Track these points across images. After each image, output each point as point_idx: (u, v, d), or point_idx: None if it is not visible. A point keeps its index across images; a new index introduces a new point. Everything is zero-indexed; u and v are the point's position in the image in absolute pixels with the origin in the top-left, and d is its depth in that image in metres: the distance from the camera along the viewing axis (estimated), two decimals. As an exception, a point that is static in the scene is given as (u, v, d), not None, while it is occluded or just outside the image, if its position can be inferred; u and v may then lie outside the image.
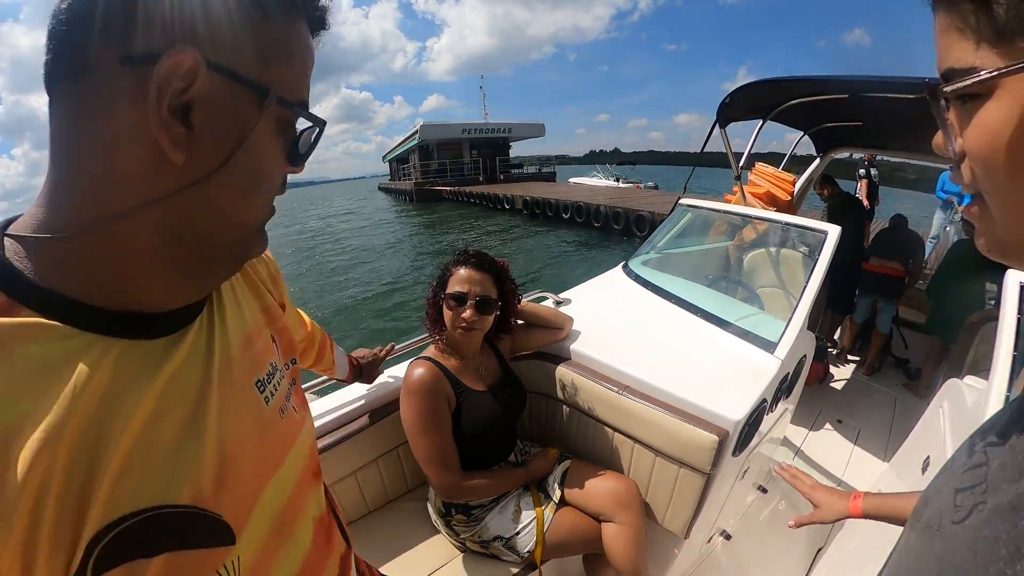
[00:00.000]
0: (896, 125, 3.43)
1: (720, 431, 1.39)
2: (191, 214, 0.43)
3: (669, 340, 1.86)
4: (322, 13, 0.49)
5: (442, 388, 1.46)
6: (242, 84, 0.42)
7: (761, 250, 2.69)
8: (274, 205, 0.51)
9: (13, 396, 0.35)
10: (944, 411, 1.59)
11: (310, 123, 0.51)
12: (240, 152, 0.43)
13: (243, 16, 0.42)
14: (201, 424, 0.46)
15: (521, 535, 1.47)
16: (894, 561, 0.46)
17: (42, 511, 0.35)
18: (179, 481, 0.43)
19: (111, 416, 0.39)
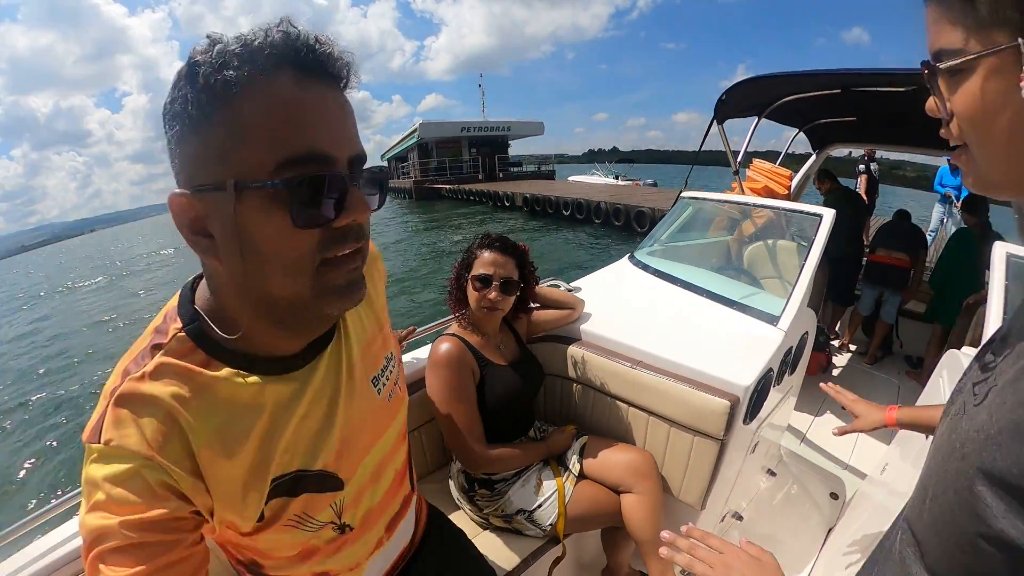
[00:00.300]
0: (888, 119, 3.53)
1: (731, 397, 1.46)
2: (262, 296, 0.56)
3: (677, 318, 1.93)
4: (304, 55, 0.50)
5: (467, 361, 1.53)
6: (206, 191, 0.51)
7: (760, 243, 2.75)
8: (351, 253, 0.57)
9: (217, 417, 0.58)
10: (944, 380, 1.65)
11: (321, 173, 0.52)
12: (244, 241, 0.52)
13: (194, 141, 0.50)
14: (332, 420, 0.69)
15: (543, 507, 1.52)
16: (932, 450, 0.52)
17: (251, 472, 0.61)
18: (315, 457, 0.68)
19: (277, 425, 0.63)
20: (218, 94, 0.48)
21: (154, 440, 0.54)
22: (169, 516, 0.54)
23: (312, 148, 0.50)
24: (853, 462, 2.67)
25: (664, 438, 1.62)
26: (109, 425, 0.54)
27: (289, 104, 0.49)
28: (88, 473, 0.54)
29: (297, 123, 0.50)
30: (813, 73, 2.92)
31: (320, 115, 0.51)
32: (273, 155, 0.49)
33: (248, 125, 0.49)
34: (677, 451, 1.60)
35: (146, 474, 0.53)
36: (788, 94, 3.29)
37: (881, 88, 2.88)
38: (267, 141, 0.49)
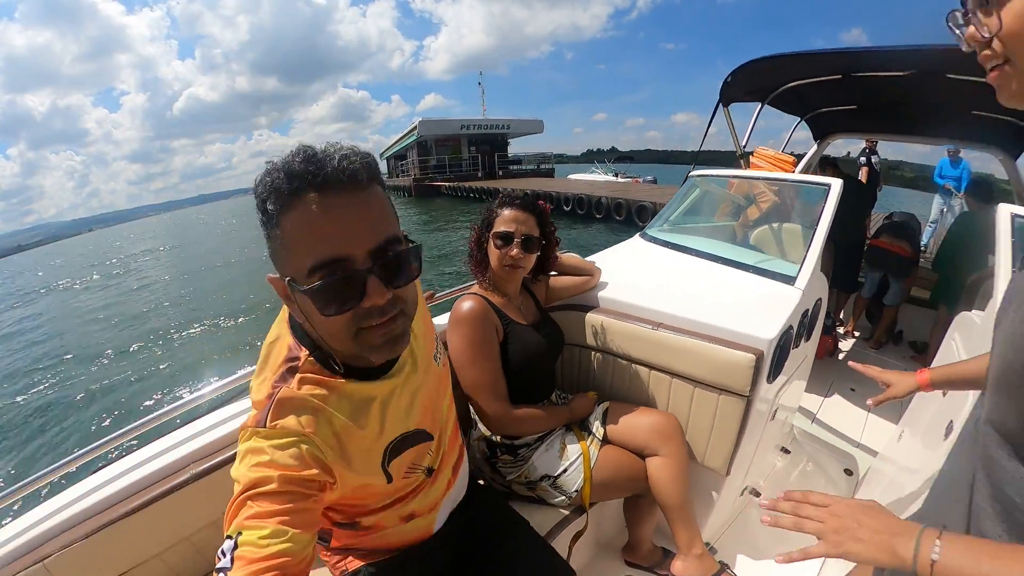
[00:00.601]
0: (888, 107, 3.56)
1: (756, 351, 1.46)
2: (332, 345, 0.79)
3: (694, 282, 1.95)
4: (318, 175, 0.66)
5: (490, 318, 1.50)
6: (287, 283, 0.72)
7: (765, 227, 2.77)
8: (377, 324, 0.75)
9: (347, 410, 0.82)
10: (956, 340, 1.68)
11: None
12: (313, 321, 0.75)
13: (270, 240, 0.72)
14: (416, 395, 0.96)
15: (568, 472, 1.50)
16: (1000, 354, 0.56)
17: (377, 441, 0.87)
18: (410, 421, 0.94)
19: (385, 408, 0.88)
20: (269, 218, 0.69)
21: (308, 425, 0.76)
22: (312, 477, 0.73)
23: (333, 254, 0.68)
24: (864, 440, 2.70)
25: (688, 399, 1.61)
26: (274, 416, 0.75)
27: (313, 220, 0.67)
28: (252, 445, 0.73)
29: (320, 235, 0.67)
30: (816, 53, 2.94)
31: (338, 223, 0.68)
32: (307, 261, 0.68)
33: (288, 239, 0.68)
34: (702, 412, 1.59)
35: (302, 446, 0.74)
36: (791, 79, 3.31)
37: (882, 73, 2.91)
38: (302, 251, 0.68)
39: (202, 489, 1.25)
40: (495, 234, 1.54)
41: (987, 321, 1.49)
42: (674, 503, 1.50)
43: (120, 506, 1.17)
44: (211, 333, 10.28)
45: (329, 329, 0.74)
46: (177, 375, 8.20)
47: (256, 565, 0.62)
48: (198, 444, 1.33)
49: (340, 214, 0.68)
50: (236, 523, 0.66)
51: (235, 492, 0.69)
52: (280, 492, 0.69)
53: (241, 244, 24.54)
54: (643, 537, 1.75)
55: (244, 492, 0.68)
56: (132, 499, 1.19)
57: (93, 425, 6.67)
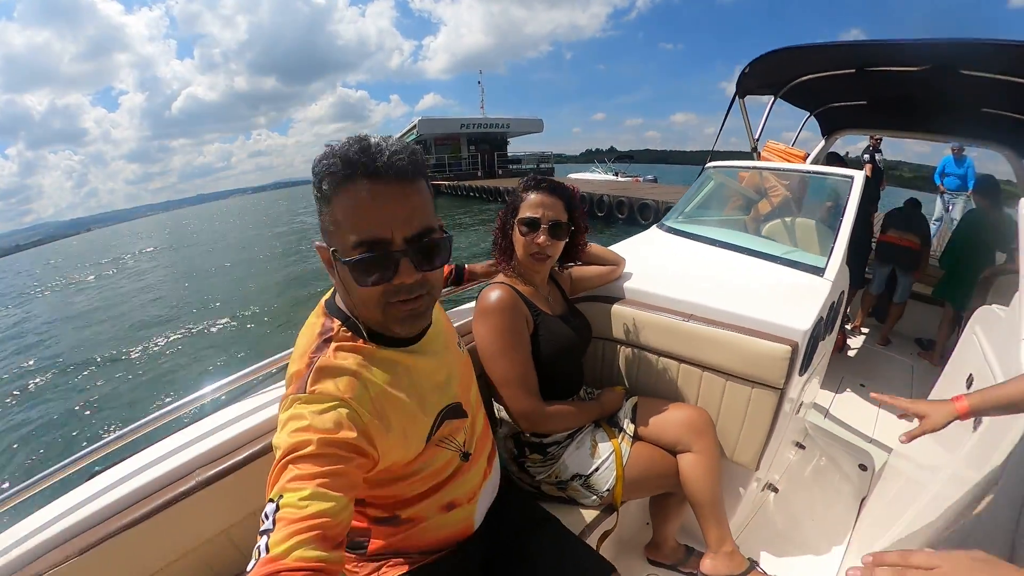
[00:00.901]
0: (898, 103, 3.58)
1: (791, 342, 1.44)
2: (362, 313, 0.87)
3: (722, 273, 1.92)
4: (372, 165, 0.75)
5: (520, 308, 1.43)
6: (328, 252, 0.81)
7: (777, 221, 2.77)
8: (405, 300, 0.83)
9: (382, 376, 0.87)
10: (978, 333, 1.65)
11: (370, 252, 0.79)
12: (349, 290, 0.83)
13: (322, 214, 0.79)
14: (447, 368, 1.02)
15: (601, 471, 1.45)
16: None
17: (415, 407, 0.91)
18: (448, 394, 1.00)
19: (420, 374, 0.94)
20: (324, 196, 0.77)
21: (348, 389, 0.81)
22: (350, 441, 0.76)
23: (374, 235, 0.77)
24: (876, 435, 2.70)
25: (719, 393, 1.58)
26: (313, 382, 0.80)
27: (361, 203, 0.76)
28: (293, 411, 0.77)
29: (365, 217, 0.76)
30: (832, 45, 2.98)
31: (382, 209, 0.77)
32: (351, 238, 0.77)
33: (338, 217, 0.77)
34: (733, 406, 1.57)
35: (340, 410, 0.78)
36: (806, 72, 3.33)
37: (896, 68, 2.91)
38: (349, 228, 0.77)
39: (211, 497, 1.15)
40: (520, 220, 1.45)
41: (1012, 315, 1.48)
42: (706, 500, 1.45)
43: (120, 517, 1.07)
44: (220, 331, 10.05)
45: (363, 297, 0.82)
46: (180, 373, 7.89)
47: (297, 525, 0.64)
48: (205, 447, 1.22)
49: (384, 201, 0.77)
50: (277, 487, 0.69)
51: (276, 458, 0.73)
52: (319, 455, 0.72)
53: (246, 243, 24.30)
54: (668, 535, 1.72)
55: (284, 456, 0.72)
56: (133, 509, 1.09)
57: (87, 428, 6.39)
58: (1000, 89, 2.72)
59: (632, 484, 1.46)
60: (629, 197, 15.99)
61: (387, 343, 0.90)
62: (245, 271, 15.49)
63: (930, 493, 1.34)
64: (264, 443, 1.20)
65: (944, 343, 3.61)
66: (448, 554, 1.07)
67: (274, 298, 11.91)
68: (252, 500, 1.16)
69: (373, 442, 0.81)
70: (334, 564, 0.65)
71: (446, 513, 1.03)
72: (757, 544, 1.87)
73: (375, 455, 0.82)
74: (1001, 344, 1.44)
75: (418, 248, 0.80)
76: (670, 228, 2.52)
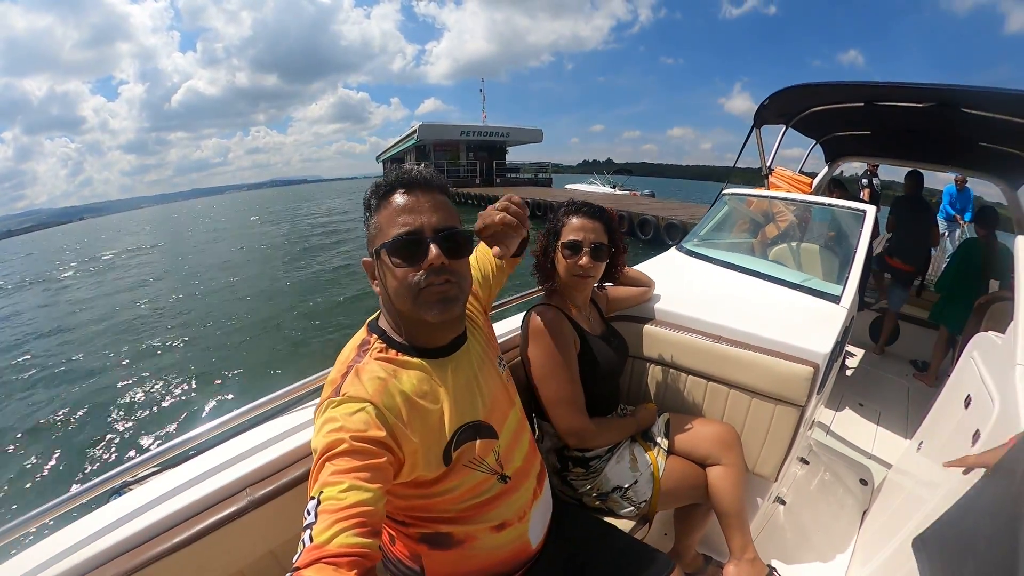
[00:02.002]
0: (901, 134, 3.81)
1: (812, 364, 1.57)
2: (399, 312, 0.98)
3: (744, 297, 2.07)
4: (410, 179, 0.96)
5: (568, 330, 1.50)
6: (371, 256, 0.98)
7: (784, 245, 2.93)
8: (435, 282, 0.94)
9: (409, 384, 0.94)
10: (976, 357, 1.77)
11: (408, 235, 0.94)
12: (386, 283, 0.97)
13: (369, 229, 0.98)
14: (477, 384, 1.07)
15: (639, 483, 1.53)
16: None
17: (438, 419, 0.96)
18: (474, 411, 1.03)
19: (445, 386, 0.99)
20: (370, 209, 0.98)
21: (375, 393, 0.88)
22: (380, 439, 0.83)
23: (410, 226, 0.93)
24: (875, 451, 2.85)
25: (744, 410, 1.70)
26: (347, 387, 0.89)
27: (399, 206, 0.95)
28: (327, 415, 0.85)
29: (403, 215, 0.94)
30: (843, 83, 3.15)
31: (414, 207, 0.94)
32: (392, 232, 0.93)
33: (382, 220, 0.95)
34: (757, 422, 1.68)
35: (369, 411, 0.86)
36: (817, 104, 3.52)
37: (901, 103, 3.09)
38: (390, 226, 0.94)
39: (261, 516, 1.09)
40: (563, 244, 1.53)
41: (1008, 343, 1.60)
42: (732, 510, 1.54)
43: (166, 537, 1.00)
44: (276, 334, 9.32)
45: (398, 287, 0.94)
46: (232, 379, 7.30)
47: (338, 514, 0.70)
48: (257, 463, 1.16)
49: (416, 202, 0.95)
50: (318, 484, 0.75)
51: (314, 459, 0.80)
52: (353, 451, 0.79)
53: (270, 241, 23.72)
54: (691, 545, 1.80)
55: (321, 456, 0.79)
56: (181, 528, 1.02)
57: (117, 437, 5.87)
58: (998, 126, 2.91)
59: (667, 495, 1.55)
60: (629, 211, 16.01)
61: (421, 354, 0.99)
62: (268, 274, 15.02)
63: (930, 507, 1.43)
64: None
65: (939, 365, 3.79)
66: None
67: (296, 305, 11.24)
68: (302, 519, 1.06)
69: (399, 443, 0.87)
70: (374, 551, 0.71)
71: (498, 533, 1.06)
72: (769, 553, 1.98)
73: (400, 456, 0.88)
74: (998, 369, 1.55)
75: (444, 238, 0.94)
76: (689, 251, 2.66)
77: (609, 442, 1.57)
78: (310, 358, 7.75)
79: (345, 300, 11.14)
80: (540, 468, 1.23)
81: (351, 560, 0.67)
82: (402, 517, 1.02)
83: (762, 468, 1.71)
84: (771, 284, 2.19)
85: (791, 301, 2.03)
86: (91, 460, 5.52)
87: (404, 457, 0.89)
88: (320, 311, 10.42)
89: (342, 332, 8.58)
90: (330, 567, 0.66)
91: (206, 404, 6.51)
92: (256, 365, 7.80)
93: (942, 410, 1.95)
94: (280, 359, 7.99)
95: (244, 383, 7.11)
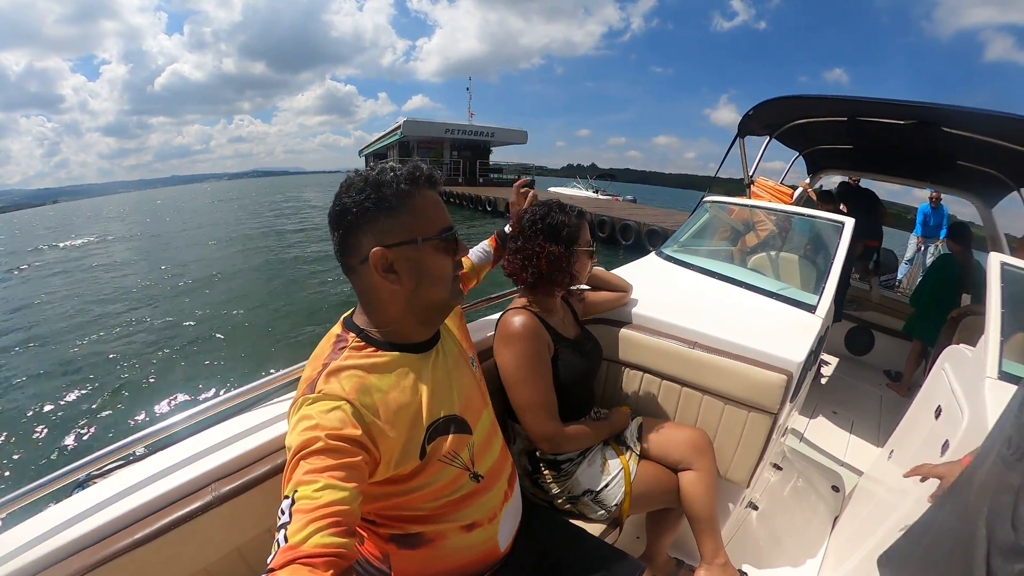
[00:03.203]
0: (882, 149, 3.90)
1: (786, 372, 1.59)
2: (422, 303, 0.98)
3: (721, 304, 2.08)
4: (430, 178, 0.97)
5: (542, 334, 1.50)
6: (400, 245, 0.93)
7: (763, 254, 2.97)
8: (458, 275, 1.04)
9: (386, 380, 0.93)
10: (947, 369, 1.82)
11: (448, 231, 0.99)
12: (422, 270, 0.95)
13: (387, 221, 0.92)
14: (452, 380, 1.06)
15: (610, 487, 1.52)
16: None
17: (414, 413, 0.95)
18: (449, 405, 1.02)
19: (421, 381, 0.99)
20: (392, 204, 0.92)
21: (352, 390, 0.87)
22: (356, 437, 0.82)
23: (447, 223, 0.99)
24: (848, 459, 2.90)
25: (718, 415, 1.71)
26: (322, 384, 0.88)
27: (434, 201, 0.98)
28: (302, 412, 0.84)
29: (440, 210, 0.99)
30: (828, 97, 3.21)
31: (441, 207, 1.00)
32: (437, 225, 0.97)
33: (420, 210, 0.95)
34: (730, 428, 1.69)
35: (345, 409, 0.84)
36: (802, 116, 3.57)
37: (884, 119, 3.16)
38: (433, 219, 0.97)
39: (228, 512, 1.07)
40: (584, 251, 1.57)
41: (978, 356, 1.64)
42: (704, 515, 1.55)
43: (129, 532, 0.97)
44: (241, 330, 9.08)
45: (440, 277, 0.99)
46: (195, 373, 7.15)
47: (313, 514, 0.69)
48: (224, 458, 1.14)
49: (440, 200, 1.01)
50: (292, 483, 0.74)
51: (288, 458, 0.79)
52: (328, 449, 0.77)
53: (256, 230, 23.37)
54: (662, 549, 1.81)
55: (296, 454, 0.77)
56: (144, 523, 0.99)
57: (84, 430, 5.77)
58: (976, 146, 2.99)
59: (638, 499, 1.55)
60: (611, 217, 16.11)
61: (398, 350, 0.99)
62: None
63: (899, 514, 1.46)
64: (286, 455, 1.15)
65: (911, 375, 3.87)
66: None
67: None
68: (269, 516, 0.89)
69: (375, 441, 0.86)
70: (350, 551, 0.70)
71: (467, 534, 1.06)
72: (741, 557, 1.99)
73: (376, 455, 0.86)
74: (968, 381, 1.60)
75: (459, 233, 1.03)
76: (669, 257, 2.68)
77: (582, 446, 1.56)
78: (283, 353, 7.72)
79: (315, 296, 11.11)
80: (511, 471, 1.23)
81: (327, 560, 0.66)
82: (373, 516, 1.00)
83: (734, 474, 1.72)
84: (748, 292, 2.21)
85: (767, 309, 2.05)
86: (55, 452, 5.37)
87: (380, 455, 0.88)
88: (294, 308, 10.32)
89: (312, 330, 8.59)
90: (305, 568, 0.65)
91: (173, 397, 6.38)
92: (227, 359, 7.69)
93: (913, 420, 1.99)
94: (253, 354, 7.89)
95: (212, 377, 7.01)
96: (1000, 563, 0.64)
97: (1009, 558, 0.63)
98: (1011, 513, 0.64)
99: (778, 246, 3.01)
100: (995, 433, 0.77)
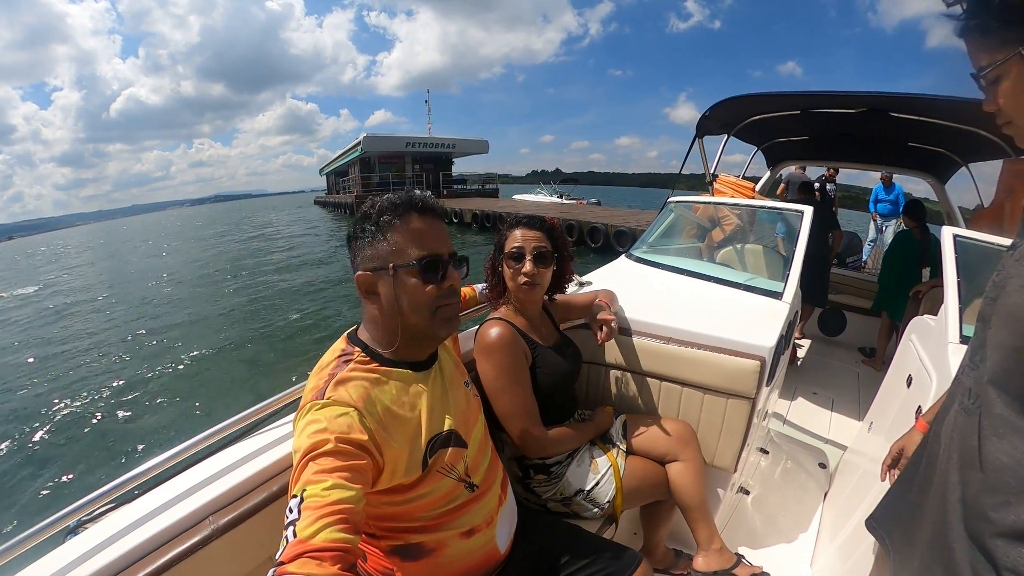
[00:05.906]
0: (836, 138, 4.08)
1: (759, 357, 1.65)
2: (405, 326, 1.02)
3: (692, 299, 2.15)
4: (421, 206, 1.02)
5: (519, 343, 1.52)
6: (377, 271, 1.00)
7: (730, 248, 3.07)
8: (452, 302, 1.06)
9: (389, 394, 0.99)
10: (914, 340, 1.92)
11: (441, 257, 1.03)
12: (399, 295, 1.00)
13: (368, 249, 1.00)
14: (449, 398, 1.12)
15: (601, 484, 1.56)
16: (998, 329, 0.72)
17: (415, 427, 1.01)
18: (446, 420, 1.07)
19: (421, 397, 1.04)
20: (381, 226, 1.00)
21: (359, 400, 0.92)
22: (362, 442, 0.87)
23: (432, 250, 1.01)
24: (831, 436, 3.00)
25: (698, 406, 1.76)
26: (331, 391, 0.92)
27: (420, 228, 1.01)
28: (311, 417, 0.88)
29: (424, 239, 1.01)
30: (780, 93, 3.34)
31: (433, 233, 1.03)
32: (416, 253, 0.99)
33: (401, 239, 0.99)
34: (711, 416, 1.74)
35: (353, 415, 0.89)
36: (757, 113, 3.71)
37: (835, 109, 3.31)
38: (413, 246, 1.00)
39: (228, 544, 1.03)
40: (507, 254, 1.57)
41: (940, 324, 1.74)
42: (694, 503, 1.59)
43: (129, 573, 0.93)
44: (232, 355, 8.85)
45: (419, 303, 1.01)
46: (190, 400, 6.98)
47: (322, 511, 0.72)
48: (219, 489, 1.10)
49: (435, 227, 1.04)
50: (300, 483, 0.77)
51: (295, 460, 0.82)
52: (337, 451, 0.81)
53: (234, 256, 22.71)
54: (659, 541, 1.83)
55: (305, 455, 0.80)
56: (141, 564, 0.94)
57: (68, 473, 5.45)
58: (924, 128, 3.15)
59: (629, 494, 1.59)
60: (579, 221, 16.06)
61: (401, 365, 1.04)
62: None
63: (883, 483, 1.55)
64: (284, 480, 1.10)
65: (884, 350, 4.03)
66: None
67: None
68: (272, 544, 0.83)
69: (380, 448, 0.90)
70: (356, 547, 0.73)
71: (467, 540, 1.09)
72: (737, 541, 2.03)
73: (380, 462, 0.91)
74: (933, 348, 1.69)
75: (456, 261, 1.06)
76: (638, 258, 2.75)
77: (568, 449, 1.59)
78: (271, 381, 7.50)
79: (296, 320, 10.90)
80: (503, 476, 1.28)
81: (334, 555, 0.69)
82: (374, 529, 1.03)
83: (720, 460, 1.77)
84: (718, 285, 2.29)
85: (736, 300, 2.13)
86: (42, 500, 5.09)
87: (384, 463, 0.92)
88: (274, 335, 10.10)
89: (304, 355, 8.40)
90: (313, 561, 0.67)
91: (163, 434, 6.15)
92: (214, 391, 7.48)
93: (888, 391, 2.08)
94: (239, 385, 7.70)
95: (202, 409, 6.81)
96: (976, 500, 0.70)
97: (981, 496, 0.70)
98: (978, 456, 0.70)
99: (743, 239, 3.11)
100: (955, 387, 0.83)
